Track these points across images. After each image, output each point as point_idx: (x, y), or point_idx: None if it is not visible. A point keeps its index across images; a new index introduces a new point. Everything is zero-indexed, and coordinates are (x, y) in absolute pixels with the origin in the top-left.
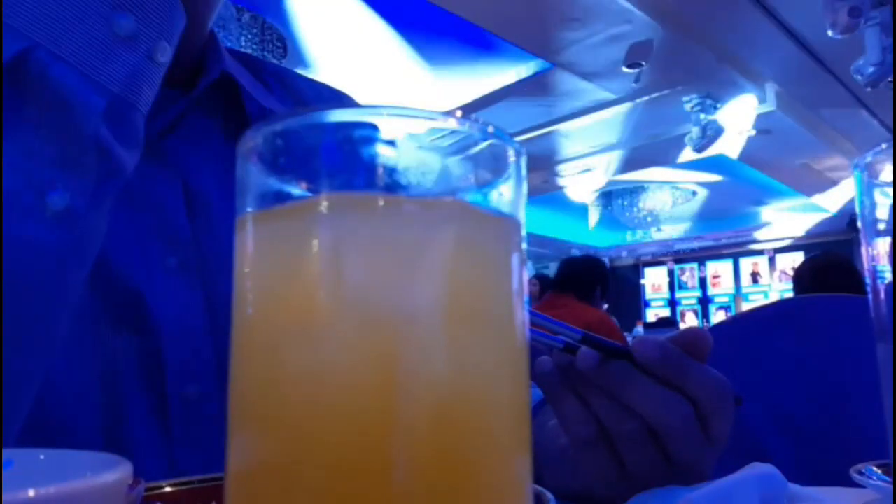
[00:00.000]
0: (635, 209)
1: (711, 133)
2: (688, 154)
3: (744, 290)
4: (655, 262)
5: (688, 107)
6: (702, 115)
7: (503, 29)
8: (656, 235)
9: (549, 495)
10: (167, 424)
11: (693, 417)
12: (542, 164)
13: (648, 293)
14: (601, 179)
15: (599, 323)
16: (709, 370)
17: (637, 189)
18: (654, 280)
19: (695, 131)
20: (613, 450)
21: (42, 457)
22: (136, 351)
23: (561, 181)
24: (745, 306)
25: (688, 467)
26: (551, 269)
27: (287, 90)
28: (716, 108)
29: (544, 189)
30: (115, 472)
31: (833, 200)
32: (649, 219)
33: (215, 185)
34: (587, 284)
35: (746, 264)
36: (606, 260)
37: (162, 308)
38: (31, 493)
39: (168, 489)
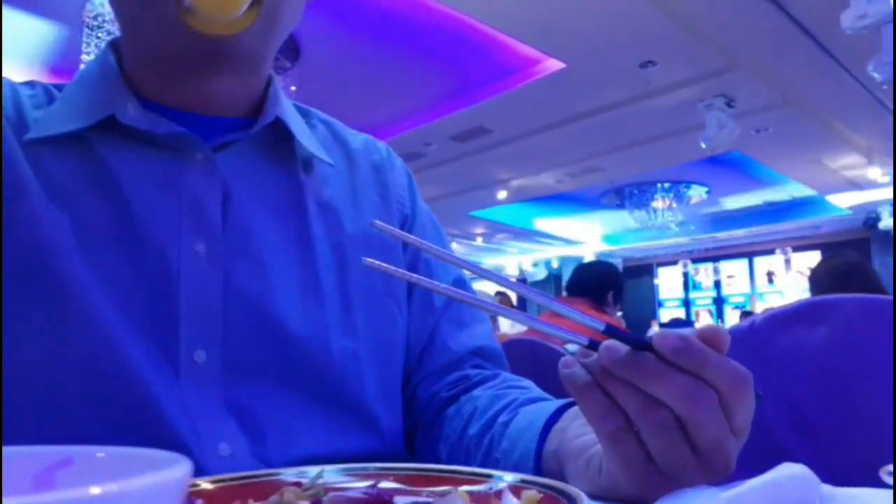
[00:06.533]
0: (649, 208)
1: (725, 132)
2: (701, 152)
3: (759, 290)
4: (669, 262)
5: (701, 105)
6: (716, 113)
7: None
8: (670, 235)
9: (580, 493)
10: (179, 385)
11: (717, 404)
12: (555, 163)
13: (662, 293)
14: (612, 179)
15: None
16: (729, 360)
17: (650, 188)
18: (669, 280)
19: (708, 130)
20: (640, 441)
21: (101, 454)
22: (157, 316)
23: (573, 181)
24: (760, 306)
25: (712, 456)
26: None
27: (328, 130)
28: (730, 107)
29: (557, 189)
30: (177, 469)
31: (848, 199)
32: (663, 218)
33: (251, 198)
34: (599, 289)
35: (762, 264)
36: (620, 260)
37: (186, 284)
38: (98, 490)
39: (207, 486)
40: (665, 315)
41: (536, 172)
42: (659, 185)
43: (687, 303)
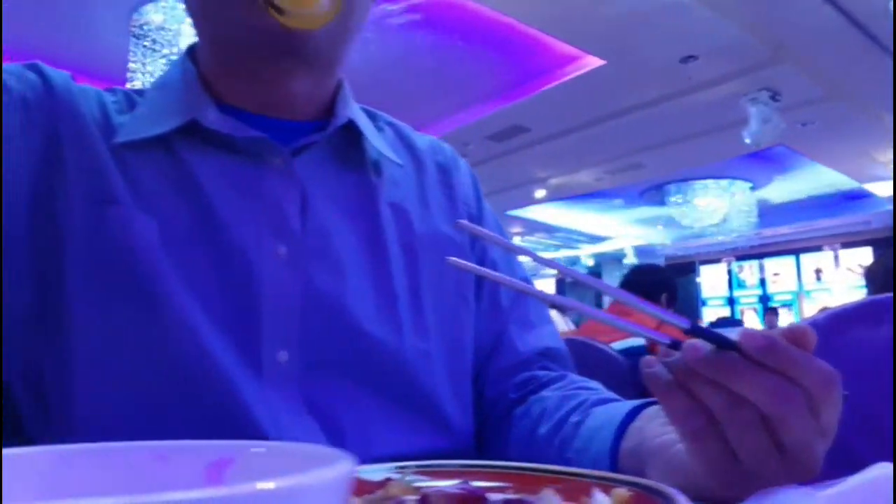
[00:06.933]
0: (690, 205)
1: (770, 126)
2: (744, 147)
3: (806, 288)
4: (712, 260)
5: (745, 99)
6: (760, 107)
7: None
8: (713, 232)
9: (673, 491)
10: (262, 385)
11: (804, 404)
12: (594, 160)
13: (705, 292)
14: (653, 176)
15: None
16: (816, 360)
17: (692, 184)
18: (712, 278)
19: (752, 124)
20: (725, 441)
21: (260, 450)
22: (240, 317)
23: (612, 179)
24: (808, 304)
25: (799, 456)
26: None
27: (395, 131)
28: (775, 101)
29: (596, 186)
30: (345, 464)
31: None
32: (705, 215)
33: (327, 200)
34: (653, 291)
35: (809, 261)
36: (662, 258)
37: (268, 285)
38: (271, 485)
39: None
40: (709, 314)
41: (575, 170)
42: (701, 181)
43: (731, 301)
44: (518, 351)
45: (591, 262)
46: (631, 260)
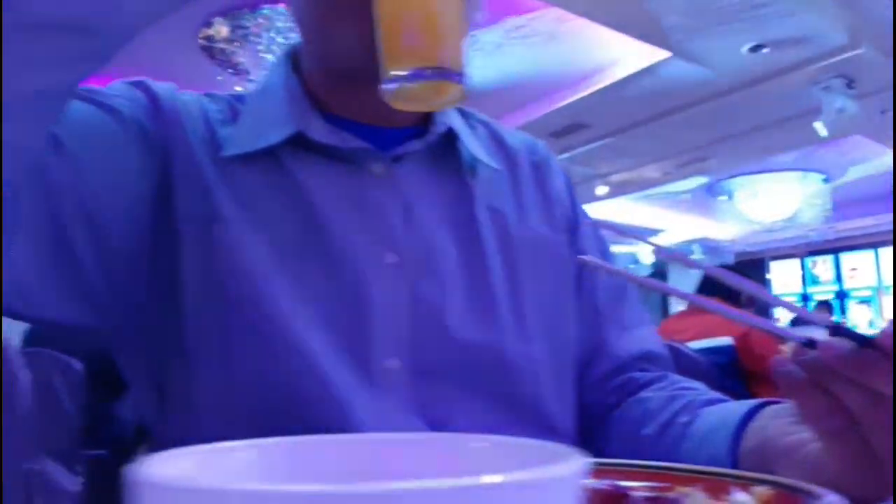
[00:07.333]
0: (759, 199)
1: (844, 115)
2: (817, 138)
3: (886, 283)
4: (784, 256)
5: (817, 88)
6: (834, 96)
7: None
8: (783, 226)
9: (819, 489)
10: (373, 393)
11: None
12: (659, 155)
13: (776, 288)
14: (720, 169)
15: (749, 328)
16: None
17: (761, 177)
18: (783, 275)
19: (826, 114)
20: (865, 440)
21: (486, 444)
22: (351, 327)
23: (680, 172)
24: (889, 300)
25: None
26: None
27: (488, 130)
28: (850, 88)
29: (662, 181)
30: (576, 461)
31: None
32: (775, 209)
33: (427, 207)
34: (732, 290)
35: (889, 255)
36: (731, 255)
37: (377, 294)
38: (502, 478)
39: None
40: (781, 312)
41: (639, 166)
42: (771, 174)
43: (805, 298)
44: (617, 354)
45: (652, 259)
46: (698, 257)
